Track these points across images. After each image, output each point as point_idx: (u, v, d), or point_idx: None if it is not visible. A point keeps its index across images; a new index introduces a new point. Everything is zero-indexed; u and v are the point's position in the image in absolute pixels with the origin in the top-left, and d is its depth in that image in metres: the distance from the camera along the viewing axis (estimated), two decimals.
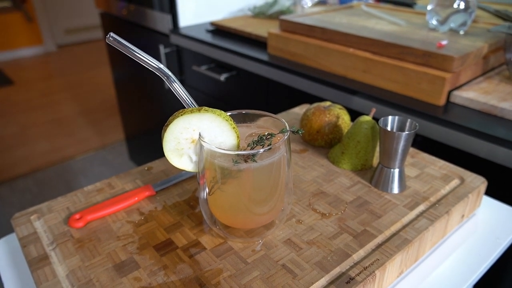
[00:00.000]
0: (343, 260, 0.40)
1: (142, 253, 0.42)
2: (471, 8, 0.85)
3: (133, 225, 0.46)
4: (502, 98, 0.72)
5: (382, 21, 0.98)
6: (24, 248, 0.43)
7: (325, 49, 0.89)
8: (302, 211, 0.48)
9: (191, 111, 0.39)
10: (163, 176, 0.55)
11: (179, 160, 0.41)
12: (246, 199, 0.41)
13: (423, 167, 0.56)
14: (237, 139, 0.41)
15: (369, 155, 0.55)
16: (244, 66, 1.05)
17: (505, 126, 0.66)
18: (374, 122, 0.54)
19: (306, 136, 0.61)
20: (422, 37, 0.85)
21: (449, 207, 0.48)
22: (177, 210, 0.48)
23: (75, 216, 0.47)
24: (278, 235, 0.44)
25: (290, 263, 0.40)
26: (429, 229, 0.45)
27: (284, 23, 1.00)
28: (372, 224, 0.45)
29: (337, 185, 0.53)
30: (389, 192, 0.51)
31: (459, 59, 0.73)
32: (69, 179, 2.08)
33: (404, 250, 0.42)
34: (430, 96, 0.74)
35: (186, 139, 0.40)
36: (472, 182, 0.53)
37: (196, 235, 0.44)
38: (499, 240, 0.51)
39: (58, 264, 0.41)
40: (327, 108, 0.60)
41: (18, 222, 0.47)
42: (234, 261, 0.41)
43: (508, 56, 0.78)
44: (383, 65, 0.80)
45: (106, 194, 0.52)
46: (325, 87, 0.86)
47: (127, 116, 1.96)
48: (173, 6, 1.28)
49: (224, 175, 0.39)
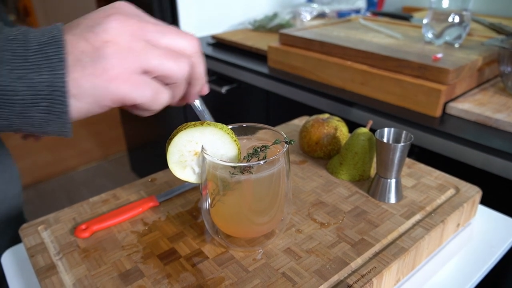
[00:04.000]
0: (341, 268, 0.42)
1: (146, 262, 0.43)
2: (465, 22, 0.88)
3: (137, 235, 0.48)
4: (496, 110, 0.74)
5: (379, 35, 1.01)
6: (32, 257, 0.45)
7: (324, 62, 0.91)
8: (301, 220, 0.49)
9: (194, 125, 0.40)
10: (166, 187, 0.57)
11: (182, 172, 0.43)
12: (247, 210, 0.42)
13: (420, 177, 0.58)
14: (238, 151, 0.42)
15: (367, 166, 0.56)
16: (245, 78, 1.07)
17: (500, 137, 0.68)
18: (371, 134, 0.55)
19: (305, 147, 0.63)
20: (418, 50, 0.87)
21: (445, 216, 0.50)
22: (180, 220, 0.50)
23: (81, 226, 0.48)
24: (278, 244, 0.45)
25: (290, 271, 0.42)
26: (425, 238, 0.46)
27: (283, 37, 1.03)
28: (369, 233, 0.47)
29: (335, 195, 0.54)
30: (386, 202, 0.52)
31: (454, 71, 0.75)
32: (71, 190, 2.09)
33: (400, 259, 0.43)
34: (427, 108, 0.76)
35: (189, 152, 0.41)
36: (467, 191, 0.55)
37: (199, 244, 0.46)
38: (494, 248, 0.52)
39: (65, 273, 0.43)
40: (325, 120, 0.62)
41: (26, 232, 0.48)
42: (235, 269, 0.42)
43: (502, 69, 0.79)
44: (381, 78, 0.82)
45: (111, 205, 0.53)
46: (324, 99, 0.88)
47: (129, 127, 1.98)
48: (175, 20, 1.31)
49: (226, 186, 0.41)
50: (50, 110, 0.30)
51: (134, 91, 0.33)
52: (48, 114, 0.30)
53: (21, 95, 0.29)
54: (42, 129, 0.31)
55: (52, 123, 0.31)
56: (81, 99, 0.31)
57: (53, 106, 0.30)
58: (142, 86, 0.33)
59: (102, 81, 0.31)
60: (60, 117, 0.31)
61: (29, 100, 0.29)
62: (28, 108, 0.29)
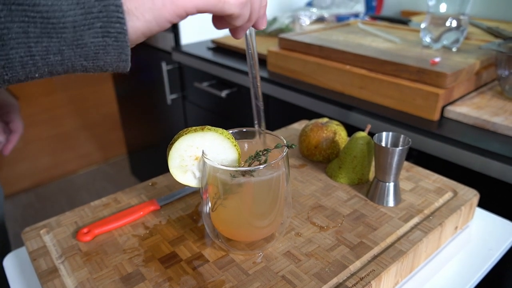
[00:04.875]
0: (340, 271, 0.42)
1: (147, 265, 0.44)
2: (463, 27, 0.89)
3: (138, 239, 0.48)
4: (494, 113, 0.74)
5: (378, 39, 1.02)
6: (34, 261, 0.45)
7: (323, 66, 0.92)
8: (301, 224, 0.50)
9: (194, 130, 0.41)
10: (167, 191, 0.57)
11: (183, 176, 0.43)
12: (247, 213, 0.43)
13: (418, 181, 0.58)
14: (238, 155, 0.43)
15: (365, 169, 0.57)
16: (244, 82, 1.08)
17: (498, 140, 0.69)
18: (370, 138, 0.56)
19: (304, 151, 0.63)
20: (416, 54, 0.88)
21: (443, 219, 0.50)
22: (181, 224, 0.50)
23: (83, 230, 0.49)
24: (278, 247, 0.46)
25: (290, 274, 0.42)
26: (423, 241, 0.47)
27: (283, 41, 1.03)
28: (368, 236, 0.47)
29: (334, 198, 0.55)
30: (385, 205, 0.53)
31: (452, 75, 0.75)
32: (71, 194, 2.09)
33: (399, 261, 0.44)
34: (425, 112, 0.77)
35: (190, 157, 0.42)
36: (465, 195, 0.55)
37: (199, 248, 0.46)
38: (492, 251, 0.52)
39: (67, 276, 0.43)
40: (324, 124, 0.62)
41: (28, 236, 0.49)
42: (235, 272, 0.43)
43: (499, 72, 0.80)
44: (379, 82, 0.82)
45: (113, 208, 0.54)
46: (323, 103, 0.89)
47: (129, 130, 1.99)
48: (175, 24, 1.32)
49: (226, 190, 0.41)
50: (106, 32, 0.25)
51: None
52: (104, 37, 0.25)
53: (71, 15, 0.24)
54: (98, 60, 0.26)
55: (110, 48, 0.26)
56: (139, 14, 0.26)
57: (110, 25, 0.25)
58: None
59: None
60: (118, 40, 0.26)
61: (80, 21, 0.24)
62: (81, 32, 0.25)
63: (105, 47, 0.26)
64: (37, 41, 0.24)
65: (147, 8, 0.27)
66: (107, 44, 0.26)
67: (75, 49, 0.25)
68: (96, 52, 0.26)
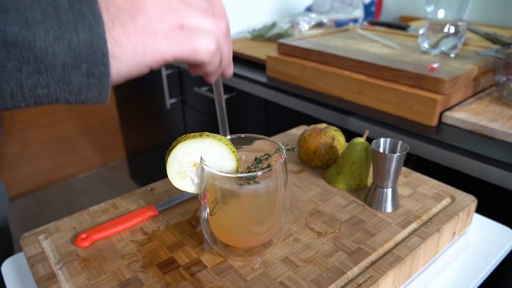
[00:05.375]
0: (338, 277, 0.42)
1: (145, 271, 0.44)
2: (460, 33, 0.89)
3: (137, 244, 0.48)
4: (492, 119, 0.74)
5: (376, 44, 1.02)
6: (32, 267, 0.45)
7: (322, 72, 0.93)
8: (299, 230, 0.50)
9: (193, 136, 0.41)
10: (166, 197, 0.57)
11: (181, 182, 0.44)
12: (245, 219, 0.43)
13: (416, 186, 0.59)
14: (237, 162, 0.43)
15: (364, 175, 0.57)
16: (243, 87, 1.08)
17: (495, 146, 0.69)
18: (368, 143, 0.56)
19: (303, 156, 0.64)
20: (415, 60, 0.88)
21: (440, 225, 0.50)
22: (179, 230, 0.50)
23: (81, 235, 0.49)
24: (276, 253, 0.46)
25: (288, 280, 0.42)
26: (421, 247, 0.47)
27: (282, 47, 1.04)
28: (366, 242, 0.47)
29: (332, 204, 0.55)
30: (383, 211, 0.53)
31: (449, 81, 0.76)
32: (70, 198, 2.09)
33: (397, 267, 0.44)
34: (423, 117, 0.77)
35: (188, 163, 0.42)
36: (463, 200, 0.55)
37: (198, 253, 0.46)
38: (490, 257, 0.52)
39: (65, 282, 0.43)
40: (323, 130, 0.63)
41: (27, 241, 0.49)
42: (234, 278, 0.43)
43: (497, 78, 0.81)
44: (378, 87, 0.83)
45: (111, 214, 0.54)
46: (322, 108, 0.89)
47: (129, 134, 1.99)
48: None
49: (224, 196, 0.41)
50: (91, 73, 0.28)
51: (174, 45, 0.31)
52: (88, 77, 0.28)
53: (61, 57, 0.27)
54: (81, 95, 0.29)
55: (92, 87, 0.29)
56: (122, 60, 0.30)
57: (95, 68, 0.28)
58: (181, 39, 0.32)
59: (144, 37, 0.30)
60: (101, 80, 0.29)
61: (70, 63, 0.27)
62: (69, 72, 0.27)
63: (89, 85, 0.29)
64: (28, 77, 0.27)
65: (131, 55, 0.30)
66: (91, 83, 0.29)
67: (61, 85, 0.28)
68: (80, 89, 0.29)
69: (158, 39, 0.30)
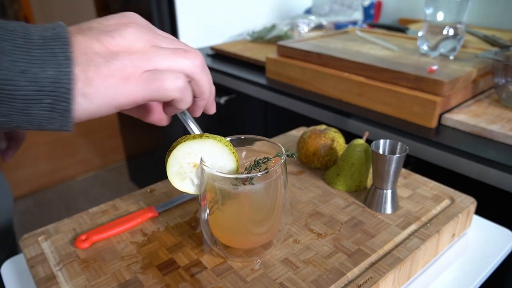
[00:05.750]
0: (338, 279, 0.42)
1: (145, 272, 0.44)
2: (459, 35, 0.89)
3: (136, 246, 0.48)
4: (491, 121, 0.75)
5: (376, 46, 1.02)
6: (32, 268, 0.45)
7: (321, 74, 0.93)
8: (298, 231, 0.50)
9: (193, 137, 0.41)
10: (165, 198, 0.57)
11: (181, 183, 0.44)
12: (245, 220, 0.43)
13: (415, 188, 0.59)
14: (237, 163, 0.43)
15: (363, 176, 0.57)
16: (243, 89, 1.08)
17: (494, 148, 0.69)
18: (367, 145, 0.56)
19: (302, 158, 0.64)
20: (414, 62, 0.88)
21: (440, 227, 0.50)
22: (179, 231, 0.50)
23: (81, 237, 0.49)
24: (275, 254, 0.46)
25: (287, 281, 0.42)
26: (421, 248, 0.47)
27: (281, 49, 1.04)
28: (365, 244, 0.47)
29: (332, 205, 0.55)
30: (382, 212, 0.53)
31: (449, 83, 0.76)
32: (69, 200, 2.09)
33: (396, 269, 0.44)
34: (422, 119, 0.77)
35: (188, 164, 0.42)
36: (462, 202, 0.55)
37: (197, 255, 0.46)
38: (489, 258, 0.52)
39: (65, 283, 0.43)
40: (322, 131, 0.63)
41: (27, 243, 0.49)
42: (233, 279, 0.43)
43: (496, 80, 0.81)
44: (377, 89, 0.83)
45: (111, 215, 0.54)
46: (322, 110, 0.90)
47: (128, 136, 1.99)
48: (175, 31, 1.32)
49: (224, 197, 0.41)
50: (53, 108, 0.29)
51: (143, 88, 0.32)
52: (50, 111, 0.29)
53: (24, 90, 0.28)
54: (42, 127, 0.30)
55: (54, 121, 0.30)
56: (92, 99, 0.30)
57: (57, 104, 0.29)
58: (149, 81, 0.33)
59: (116, 81, 0.31)
60: (63, 115, 0.30)
61: (32, 96, 0.28)
62: (30, 104, 0.28)
63: (50, 119, 0.30)
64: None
65: (101, 95, 0.31)
66: (52, 117, 0.29)
67: (22, 116, 0.29)
68: (41, 121, 0.29)
69: (129, 83, 0.32)
